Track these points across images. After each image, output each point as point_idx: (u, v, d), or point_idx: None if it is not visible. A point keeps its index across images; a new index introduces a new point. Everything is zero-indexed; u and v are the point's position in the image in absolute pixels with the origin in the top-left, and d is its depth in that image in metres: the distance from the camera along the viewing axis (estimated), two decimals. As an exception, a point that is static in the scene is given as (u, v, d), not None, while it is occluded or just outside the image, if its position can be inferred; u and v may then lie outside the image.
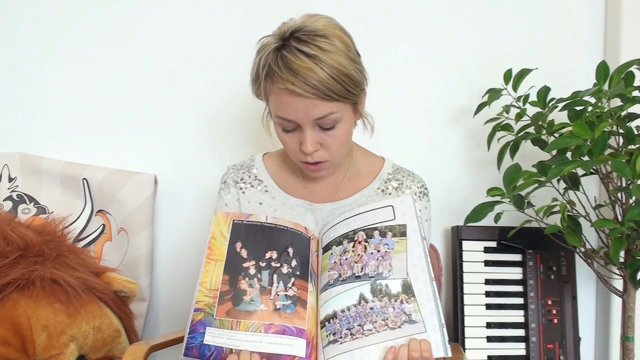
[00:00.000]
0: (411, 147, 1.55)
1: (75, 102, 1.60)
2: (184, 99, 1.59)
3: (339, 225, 1.03)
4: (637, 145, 1.17)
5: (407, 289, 0.91)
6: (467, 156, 1.57)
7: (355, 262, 0.97)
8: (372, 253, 0.96)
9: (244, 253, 0.99)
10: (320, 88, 0.96)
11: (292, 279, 0.98)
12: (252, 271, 0.97)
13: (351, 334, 0.90)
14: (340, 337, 0.91)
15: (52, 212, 1.53)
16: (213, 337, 0.90)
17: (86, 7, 1.60)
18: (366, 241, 0.98)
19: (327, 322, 0.94)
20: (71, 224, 1.52)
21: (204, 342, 0.89)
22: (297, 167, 1.19)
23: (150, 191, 1.52)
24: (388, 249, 0.96)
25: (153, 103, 1.59)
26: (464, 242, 1.47)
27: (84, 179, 1.53)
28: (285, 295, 0.96)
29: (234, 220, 1.03)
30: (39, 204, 1.55)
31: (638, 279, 1.25)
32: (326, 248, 1.03)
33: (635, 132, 1.19)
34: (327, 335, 0.93)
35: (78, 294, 1.23)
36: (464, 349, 1.40)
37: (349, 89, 1.00)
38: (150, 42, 1.59)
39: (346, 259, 0.98)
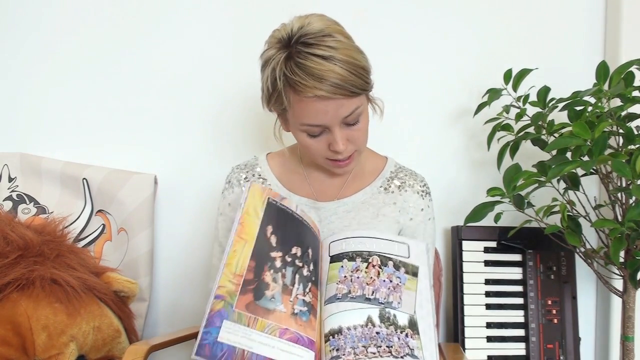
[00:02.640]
0: (411, 147, 1.55)
1: (75, 102, 1.60)
2: (184, 99, 1.59)
3: (352, 241, 1.02)
4: (637, 145, 1.17)
5: (413, 325, 0.93)
6: (467, 156, 1.57)
7: (367, 284, 0.96)
8: (384, 280, 0.97)
9: (273, 240, 0.96)
10: (345, 87, 0.97)
11: (309, 284, 0.97)
12: (278, 264, 0.95)
13: (354, 353, 0.90)
14: (343, 354, 0.90)
15: (52, 212, 1.53)
16: (228, 333, 0.86)
17: (86, 8, 1.60)
18: (380, 267, 0.98)
19: (331, 337, 0.93)
20: (71, 224, 1.51)
21: (219, 339, 0.85)
22: (301, 166, 1.19)
23: (150, 191, 1.52)
24: (400, 282, 0.97)
25: (153, 103, 1.59)
26: (464, 242, 1.47)
27: (84, 179, 1.53)
28: (303, 300, 0.95)
29: (269, 198, 0.99)
30: (39, 204, 1.55)
31: (638, 279, 1.25)
32: (336, 258, 1.01)
33: (635, 132, 1.19)
34: (330, 350, 0.92)
35: (78, 294, 1.23)
36: (464, 349, 1.40)
37: (366, 80, 1.02)
38: (151, 42, 1.59)
39: (358, 277, 0.98)
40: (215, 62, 1.58)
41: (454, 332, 1.45)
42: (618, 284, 1.30)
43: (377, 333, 0.91)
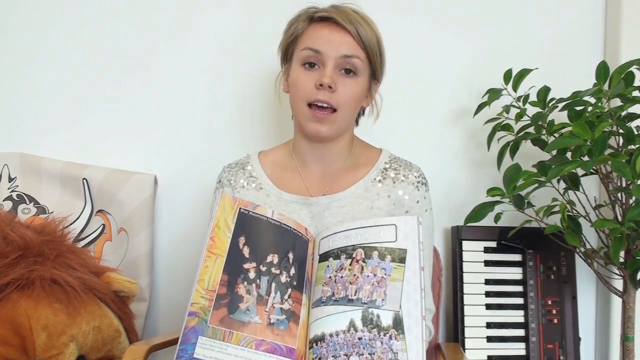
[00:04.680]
0: (411, 147, 1.54)
1: (75, 102, 1.60)
2: (184, 99, 1.59)
3: (339, 236, 1.00)
4: (637, 145, 1.17)
5: (398, 324, 0.89)
6: (467, 156, 1.57)
7: (350, 283, 0.94)
8: (368, 276, 0.94)
9: (245, 251, 0.96)
10: (358, 29, 1.08)
11: (289, 290, 0.96)
12: (252, 275, 0.95)
13: None
14: None
15: (52, 212, 1.52)
16: (204, 349, 0.87)
17: (86, 7, 1.60)
18: (364, 261, 0.96)
19: (314, 344, 0.93)
20: (71, 224, 1.51)
21: (195, 355, 0.87)
22: (294, 159, 1.19)
23: (150, 191, 1.52)
24: (385, 274, 0.94)
25: (153, 103, 1.59)
26: (464, 242, 1.46)
27: (84, 179, 1.53)
28: (281, 308, 0.94)
29: (240, 208, 0.99)
30: (39, 204, 1.55)
31: (638, 279, 1.25)
32: (323, 257, 1.01)
33: (635, 132, 1.19)
34: (313, 359, 0.92)
35: (78, 294, 1.23)
36: (464, 349, 1.40)
37: (377, 54, 1.12)
38: (150, 42, 1.59)
39: (342, 277, 0.96)
40: (216, 63, 1.58)
41: (454, 332, 1.45)
42: (618, 284, 1.30)
43: (360, 339, 0.90)
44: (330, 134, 1.12)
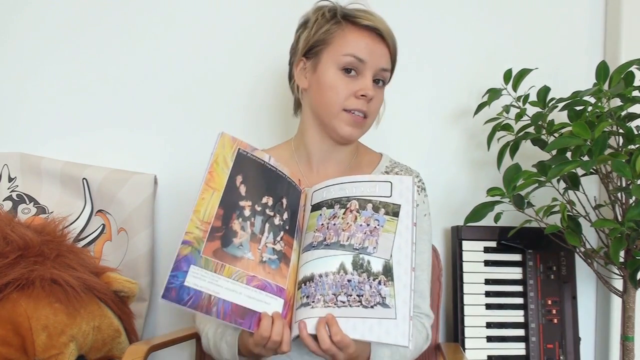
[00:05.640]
0: (411, 147, 1.55)
1: (75, 102, 1.60)
2: (184, 99, 1.59)
3: (333, 188, 1.01)
4: (637, 145, 1.18)
5: (388, 271, 0.90)
6: (467, 156, 1.57)
7: (343, 230, 0.95)
8: (361, 225, 0.95)
9: (242, 190, 0.96)
10: (392, 39, 1.12)
11: (282, 233, 0.97)
12: (247, 213, 0.95)
13: (324, 300, 0.90)
14: (313, 302, 0.90)
15: (52, 212, 1.52)
16: (195, 278, 0.87)
17: (85, 8, 1.60)
18: (358, 211, 0.96)
19: (303, 284, 0.93)
20: (71, 224, 1.51)
21: (185, 283, 0.86)
22: (295, 158, 1.19)
23: (150, 191, 1.52)
24: (378, 225, 0.94)
25: (153, 103, 1.59)
26: (464, 242, 1.47)
27: (84, 178, 1.53)
28: (273, 248, 0.95)
29: (239, 149, 1.00)
30: (39, 204, 1.55)
31: (638, 279, 1.25)
32: (316, 207, 1.01)
33: (635, 132, 1.19)
34: (301, 297, 0.93)
35: (78, 294, 1.23)
36: (464, 349, 1.40)
37: (397, 57, 1.15)
38: (150, 42, 1.59)
39: (334, 224, 0.96)
40: (216, 62, 1.58)
41: (454, 332, 1.45)
42: (618, 284, 1.30)
43: (349, 281, 0.90)
44: (358, 137, 1.16)
